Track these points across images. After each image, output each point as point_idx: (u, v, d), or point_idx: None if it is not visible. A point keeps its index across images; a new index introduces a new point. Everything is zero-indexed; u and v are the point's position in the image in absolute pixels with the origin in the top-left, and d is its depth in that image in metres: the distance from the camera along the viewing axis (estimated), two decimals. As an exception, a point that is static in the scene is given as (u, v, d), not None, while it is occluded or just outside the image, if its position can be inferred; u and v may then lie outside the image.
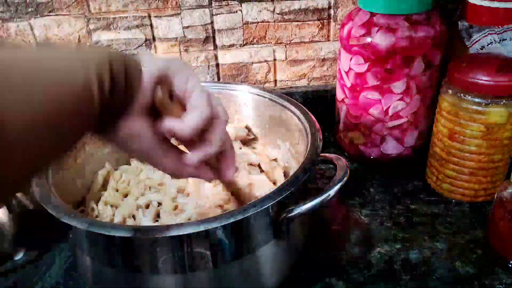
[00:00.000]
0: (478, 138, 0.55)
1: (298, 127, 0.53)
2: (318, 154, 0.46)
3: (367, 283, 0.50)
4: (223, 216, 0.38)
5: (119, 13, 0.72)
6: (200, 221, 0.38)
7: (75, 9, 0.71)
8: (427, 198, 0.62)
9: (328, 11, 0.74)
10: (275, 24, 0.74)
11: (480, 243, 0.54)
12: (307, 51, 0.77)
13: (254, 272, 0.44)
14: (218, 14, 0.73)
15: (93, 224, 0.39)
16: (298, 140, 0.54)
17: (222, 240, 0.40)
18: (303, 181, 0.42)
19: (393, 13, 0.58)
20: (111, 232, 0.38)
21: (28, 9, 0.70)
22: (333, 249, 0.54)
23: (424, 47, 0.59)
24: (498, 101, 0.53)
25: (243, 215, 0.38)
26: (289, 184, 0.41)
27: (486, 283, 0.49)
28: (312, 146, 0.47)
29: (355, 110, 0.66)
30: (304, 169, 0.43)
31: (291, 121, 0.55)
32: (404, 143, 0.67)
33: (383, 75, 0.61)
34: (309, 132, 0.49)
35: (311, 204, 0.41)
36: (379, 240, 0.55)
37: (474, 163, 0.57)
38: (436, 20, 0.59)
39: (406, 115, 0.64)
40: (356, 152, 0.70)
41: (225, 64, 0.78)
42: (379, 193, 0.64)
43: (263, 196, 0.41)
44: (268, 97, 0.59)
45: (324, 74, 0.80)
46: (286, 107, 0.56)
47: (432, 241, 0.55)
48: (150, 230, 0.38)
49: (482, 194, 0.60)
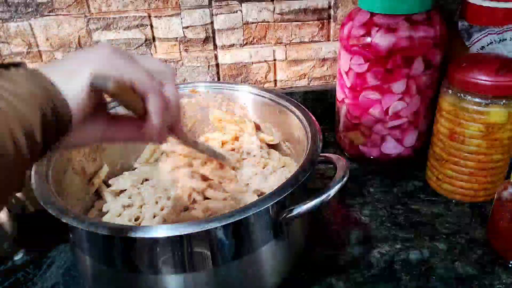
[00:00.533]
0: (478, 138, 0.55)
1: (298, 127, 0.53)
2: (318, 154, 0.46)
3: (367, 283, 0.50)
4: (223, 216, 0.38)
5: (119, 13, 0.72)
6: (200, 221, 0.38)
7: (75, 9, 0.71)
8: (427, 198, 0.62)
9: (328, 11, 0.74)
10: (275, 24, 0.74)
11: (480, 243, 0.54)
12: (307, 51, 0.77)
13: (254, 272, 0.44)
14: (218, 14, 0.73)
15: (93, 224, 0.39)
16: (298, 140, 0.54)
17: (222, 240, 0.40)
18: (303, 181, 0.42)
19: (393, 13, 0.58)
20: (110, 233, 0.38)
21: (28, 9, 0.70)
22: (333, 249, 0.54)
23: (424, 47, 0.59)
24: (498, 101, 0.53)
25: (243, 215, 0.38)
26: (289, 184, 0.41)
27: (486, 283, 0.49)
28: (312, 146, 0.47)
29: (355, 110, 0.66)
30: (304, 169, 0.43)
31: (291, 121, 0.55)
32: (404, 143, 0.67)
33: (383, 75, 0.61)
34: (309, 132, 0.49)
35: (311, 204, 0.41)
36: (379, 240, 0.55)
37: (474, 163, 0.57)
38: (436, 20, 0.59)
39: (406, 115, 0.64)
40: (356, 152, 0.70)
41: (225, 64, 0.78)
42: (379, 193, 0.64)
43: (264, 195, 0.41)
44: (268, 97, 0.59)
45: (324, 74, 0.80)
46: (286, 107, 0.56)
47: (432, 241, 0.55)
48: (148, 230, 0.38)
49: (482, 194, 0.60)
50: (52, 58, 0.75)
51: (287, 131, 0.57)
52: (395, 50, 0.58)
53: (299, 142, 0.53)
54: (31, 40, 0.73)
